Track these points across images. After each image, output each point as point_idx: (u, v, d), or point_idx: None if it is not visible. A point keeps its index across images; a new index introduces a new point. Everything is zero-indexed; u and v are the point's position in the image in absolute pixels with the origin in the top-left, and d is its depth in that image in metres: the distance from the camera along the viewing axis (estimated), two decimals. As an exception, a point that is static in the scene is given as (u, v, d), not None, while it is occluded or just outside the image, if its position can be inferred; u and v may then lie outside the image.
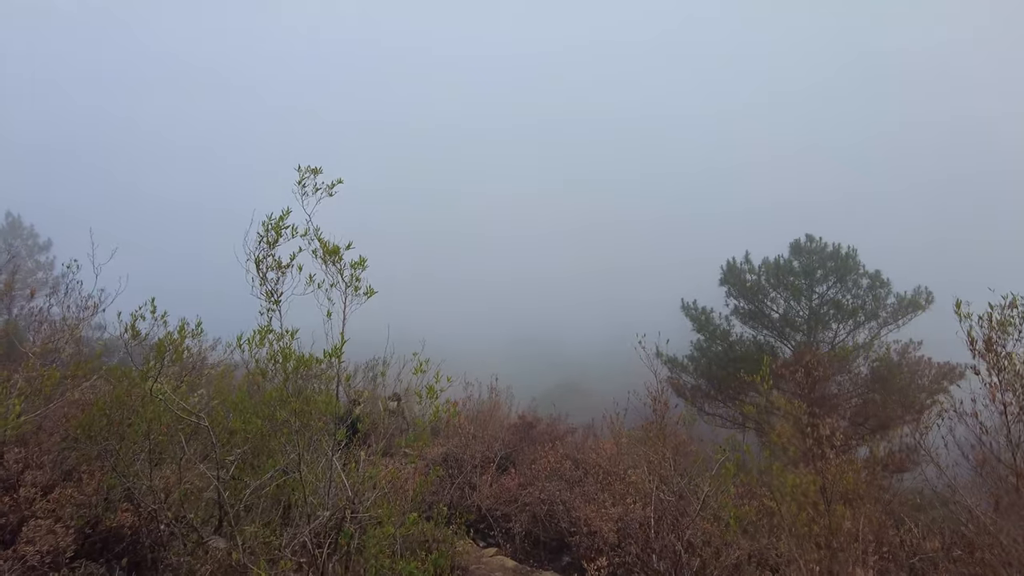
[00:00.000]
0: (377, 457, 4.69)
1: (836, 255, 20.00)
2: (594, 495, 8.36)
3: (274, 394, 4.33)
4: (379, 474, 5.22)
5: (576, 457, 10.35)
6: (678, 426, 7.31)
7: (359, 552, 4.31)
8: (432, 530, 6.37)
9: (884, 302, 19.71)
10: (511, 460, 11.89)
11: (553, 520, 8.97)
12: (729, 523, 5.54)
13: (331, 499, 4.31)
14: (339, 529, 4.22)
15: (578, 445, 12.84)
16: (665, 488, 5.93)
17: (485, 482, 10.32)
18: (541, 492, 9.29)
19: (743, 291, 21.31)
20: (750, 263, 21.39)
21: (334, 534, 4.26)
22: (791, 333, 20.93)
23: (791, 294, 20.32)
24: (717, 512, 6.33)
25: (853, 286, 19.84)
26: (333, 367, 4.44)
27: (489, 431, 12.61)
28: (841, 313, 19.35)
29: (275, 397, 4.32)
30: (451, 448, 12.33)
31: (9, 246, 29.23)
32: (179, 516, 4.53)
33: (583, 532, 7.00)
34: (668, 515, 6.12)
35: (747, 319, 21.57)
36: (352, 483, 4.50)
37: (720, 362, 20.87)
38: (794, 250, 21.20)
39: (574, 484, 9.45)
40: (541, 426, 14.13)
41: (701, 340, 22.24)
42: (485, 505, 9.68)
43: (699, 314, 22.08)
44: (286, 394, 4.24)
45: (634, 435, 7.64)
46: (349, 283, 4.52)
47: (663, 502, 5.99)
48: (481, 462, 11.21)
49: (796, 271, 20.50)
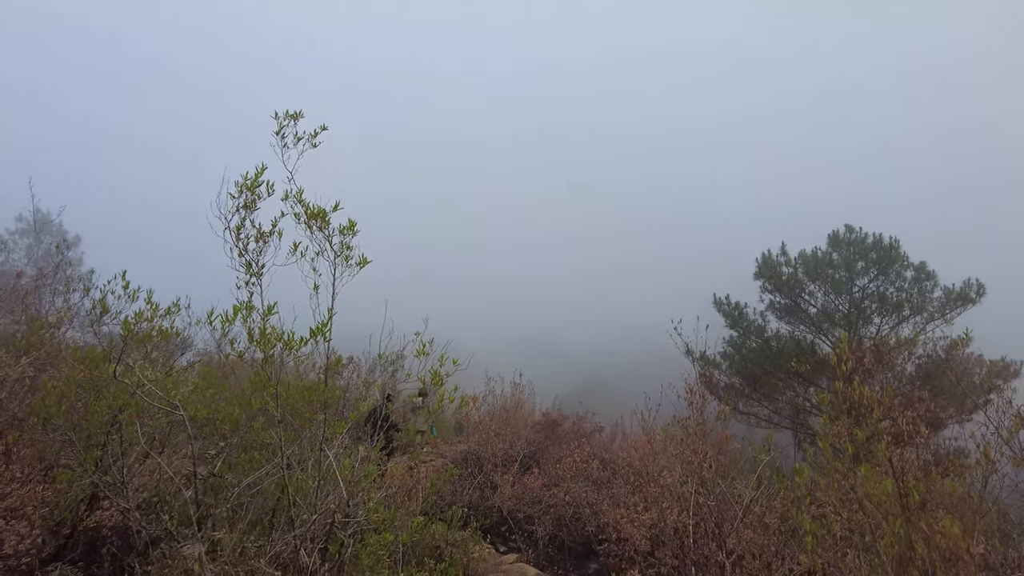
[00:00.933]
0: (376, 452, 4.08)
1: (878, 246, 18.93)
2: (624, 498, 7.69)
3: (254, 379, 3.77)
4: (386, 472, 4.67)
5: (604, 457, 9.67)
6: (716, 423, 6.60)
7: (353, 562, 3.73)
8: (445, 534, 5.78)
9: (930, 295, 18.60)
10: (534, 459, 11.29)
11: (579, 523, 8.35)
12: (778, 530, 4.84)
13: (321, 501, 3.73)
14: (328, 536, 3.65)
15: (605, 444, 12.17)
16: (704, 491, 5.24)
17: (507, 482, 9.73)
18: (567, 493, 8.66)
19: (779, 285, 20.32)
20: (787, 255, 20.41)
21: (323, 542, 3.69)
22: (830, 328, 19.92)
23: (831, 287, 19.30)
24: (762, 518, 5.62)
25: (896, 278, 18.74)
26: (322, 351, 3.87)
27: (512, 429, 12.06)
28: (886, 306, 18.28)
29: (255, 382, 3.76)
30: (472, 446, 11.78)
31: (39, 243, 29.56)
32: (152, 517, 4.01)
33: (612, 539, 6.33)
34: (707, 521, 5.44)
35: (783, 314, 20.58)
36: (348, 481, 3.92)
37: (756, 359, 19.92)
38: (832, 241, 20.16)
39: (601, 485, 8.80)
40: (567, 424, 13.49)
41: (735, 336, 21.32)
42: (506, 507, 9.08)
43: (732, 309, 21.16)
44: (265, 378, 3.68)
45: (671, 432, 6.93)
46: (339, 252, 3.93)
47: (702, 507, 5.30)
48: (503, 461, 10.64)
49: (836, 263, 19.47)
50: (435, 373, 4.03)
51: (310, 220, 3.87)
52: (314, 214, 3.86)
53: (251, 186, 3.79)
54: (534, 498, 9.12)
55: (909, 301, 17.92)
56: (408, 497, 6.34)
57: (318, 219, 3.87)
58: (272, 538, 3.68)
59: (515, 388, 14.79)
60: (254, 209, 3.85)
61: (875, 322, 18.97)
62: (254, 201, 3.82)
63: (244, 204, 3.81)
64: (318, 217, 3.86)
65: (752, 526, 5.37)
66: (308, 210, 3.85)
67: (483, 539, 8.38)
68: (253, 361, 3.81)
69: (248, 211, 3.84)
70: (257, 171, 3.81)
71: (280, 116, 3.98)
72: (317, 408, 3.98)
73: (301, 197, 3.88)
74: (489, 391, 14.37)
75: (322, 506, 3.71)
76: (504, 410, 13.67)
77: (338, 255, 3.93)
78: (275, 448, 4.13)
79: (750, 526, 5.37)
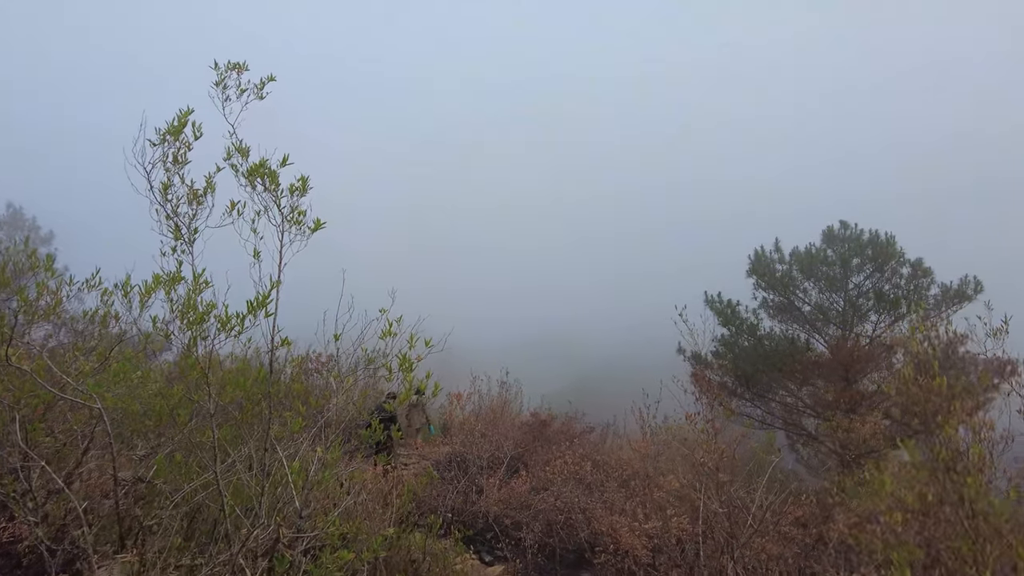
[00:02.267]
0: (336, 453, 3.41)
1: (874, 242, 18.51)
2: (619, 503, 7.10)
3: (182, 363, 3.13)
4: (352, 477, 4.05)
5: (596, 458, 9.08)
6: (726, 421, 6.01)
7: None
8: (423, 545, 5.15)
9: (926, 292, 18.21)
10: (522, 461, 10.69)
11: (571, 530, 7.74)
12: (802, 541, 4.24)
13: (266, 513, 3.09)
14: (272, 555, 3.01)
15: (596, 445, 11.59)
16: (717, 497, 4.64)
17: (493, 486, 9.10)
18: (557, 498, 8.06)
19: (772, 282, 19.86)
20: (780, 252, 19.95)
21: (268, 561, 3.04)
22: (824, 327, 19.50)
23: (825, 285, 18.86)
24: (778, 526, 5.04)
25: (892, 275, 18.33)
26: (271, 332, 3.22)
27: (499, 429, 11.47)
28: (882, 304, 17.85)
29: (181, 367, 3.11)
30: (456, 447, 11.18)
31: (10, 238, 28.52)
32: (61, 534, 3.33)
33: (609, 549, 5.71)
34: (718, 531, 4.84)
35: (777, 312, 20.12)
36: (303, 488, 3.27)
37: (748, 358, 19.46)
38: (827, 238, 19.74)
39: (594, 489, 8.21)
40: (556, 425, 12.89)
41: (726, 335, 20.84)
42: (493, 512, 8.46)
43: (724, 307, 20.65)
44: (193, 361, 3.04)
45: (676, 430, 6.33)
46: (289, 218, 3.28)
47: (713, 514, 4.70)
48: (489, 463, 10.03)
49: (830, 260, 19.04)
50: (403, 358, 3.40)
51: (251, 175, 3.23)
52: (256, 168, 3.21)
53: (175, 130, 3.13)
54: (522, 503, 8.52)
55: (907, 298, 17.52)
56: (384, 504, 5.71)
57: (263, 176, 3.22)
58: (210, 555, 3.04)
59: (502, 387, 14.22)
60: (184, 163, 3.20)
61: (872, 319, 18.56)
62: (184, 153, 3.17)
63: (173, 158, 3.16)
64: (262, 175, 3.21)
65: (768, 535, 4.78)
66: (242, 153, 3.19)
67: (467, 548, 7.75)
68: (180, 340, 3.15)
69: (177, 166, 3.19)
70: (181, 114, 3.16)
71: (221, 67, 3.34)
72: (261, 400, 3.33)
73: (240, 145, 3.22)
74: (475, 390, 13.79)
75: (267, 519, 3.07)
76: (491, 410, 13.10)
77: (287, 218, 3.29)
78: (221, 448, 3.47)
79: (765, 535, 4.78)
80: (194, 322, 3.01)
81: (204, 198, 3.25)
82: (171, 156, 3.16)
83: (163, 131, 3.15)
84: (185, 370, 3.10)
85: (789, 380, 19.33)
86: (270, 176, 3.23)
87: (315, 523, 3.39)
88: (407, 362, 3.37)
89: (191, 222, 3.24)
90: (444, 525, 6.27)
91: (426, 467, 10.07)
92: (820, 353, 18.41)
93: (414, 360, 3.39)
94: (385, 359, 3.49)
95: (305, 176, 3.31)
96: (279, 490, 3.46)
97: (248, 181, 3.25)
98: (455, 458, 10.52)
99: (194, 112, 3.24)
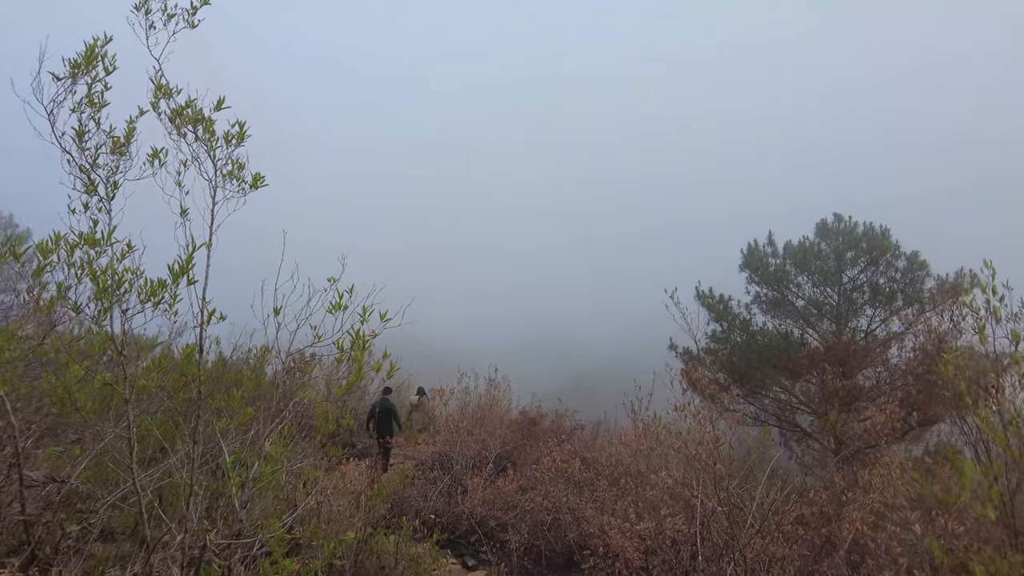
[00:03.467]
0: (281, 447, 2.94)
1: (868, 235, 18.22)
2: (610, 503, 6.68)
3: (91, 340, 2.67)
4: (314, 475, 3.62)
5: (586, 456, 8.65)
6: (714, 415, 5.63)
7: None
8: (395, 549, 4.70)
9: (921, 286, 17.94)
10: (510, 460, 10.27)
11: (559, 531, 7.32)
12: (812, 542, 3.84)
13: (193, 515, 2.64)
14: (197, 567, 2.56)
15: (587, 442, 11.18)
16: (717, 493, 4.23)
17: (478, 485, 8.67)
18: (545, 497, 7.63)
19: (766, 277, 19.53)
20: (774, 245, 19.62)
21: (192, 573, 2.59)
22: (817, 321, 19.20)
23: (819, 279, 18.56)
24: (780, 525, 4.63)
25: (887, 268, 18.04)
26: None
27: (486, 427, 11.04)
28: (878, 298, 17.55)
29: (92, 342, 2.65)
30: (440, 446, 10.75)
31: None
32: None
33: (599, 552, 5.29)
34: (716, 532, 4.43)
35: (770, 307, 19.80)
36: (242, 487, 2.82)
37: (741, 354, 19.12)
38: (820, 231, 19.45)
39: (584, 487, 7.80)
40: (545, 422, 12.47)
41: (718, 331, 20.51)
42: (477, 513, 8.02)
43: (717, 302, 20.32)
44: (104, 337, 2.59)
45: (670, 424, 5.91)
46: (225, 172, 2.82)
47: (710, 513, 4.29)
48: (475, 462, 9.60)
49: (824, 254, 18.74)
50: (355, 334, 2.95)
51: (176, 118, 2.77)
52: (180, 110, 2.75)
53: (83, 61, 2.66)
54: (508, 503, 8.10)
55: (903, 292, 17.22)
56: (356, 506, 5.26)
57: (194, 122, 2.76)
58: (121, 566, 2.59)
59: (490, 384, 13.80)
60: (101, 105, 2.74)
61: (867, 313, 18.27)
62: (101, 94, 2.71)
63: (88, 99, 2.70)
64: (193, 120, 2.74)
65: (771, 535, 4.37)
66: (162, 90, 2.72)
67: (449, 552, 7.32)
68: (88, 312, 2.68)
69: (94, 108, 2.72)
70: (93, 43, 2.69)
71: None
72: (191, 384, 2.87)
73: (162, 82, 2.76)
74: (462, 387, 13.37)
75: (192, 522, 2.62)
76: (478, 408, 12.69)
77: (221, 172, 2.83)
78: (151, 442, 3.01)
79: (767, 535, 4.37)
80: (109, 290, 2.55)
81: (128, 148, 2.79)
82: (84, 97, 2.69)
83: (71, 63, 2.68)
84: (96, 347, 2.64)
85: (783, 376, 19.03)
86: (203, 124, 2.77)
87: (261, 527, 2.95)
88: (360, 339, 2.93)
89: (112, 176, 2.78)
90: (426, 527, 5.85)
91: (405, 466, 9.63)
92: (815, 348, 18.12)
93: (368, 337, 2.95)
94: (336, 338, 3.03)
95: (242, 121, 2.85)
96: (219, 489, 3.01)
97: (174, 126, 2.79)
98: (441, 457, 10.11)
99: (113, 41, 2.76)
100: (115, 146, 2.77)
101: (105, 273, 2.56)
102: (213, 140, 2.86)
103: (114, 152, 2.77)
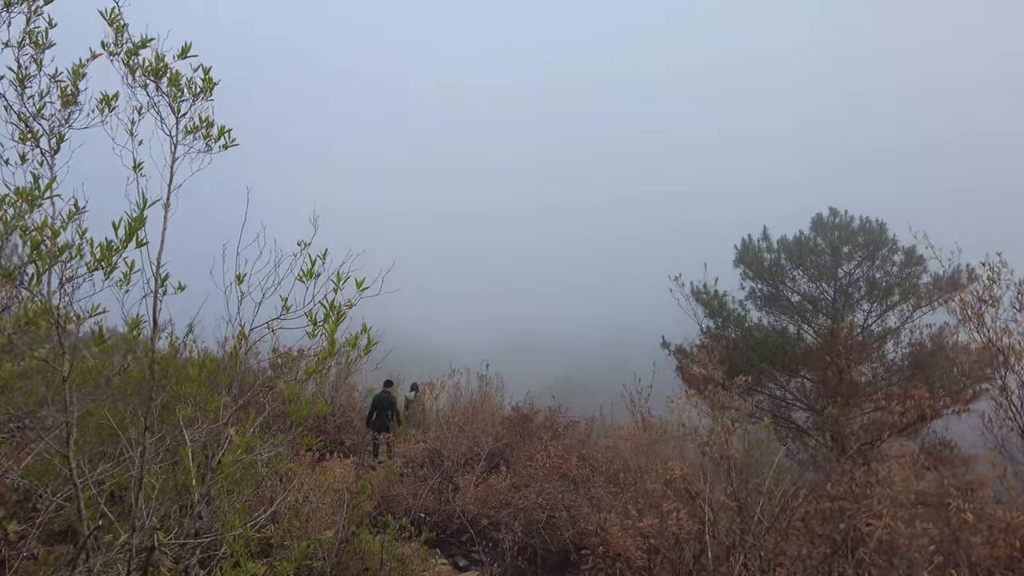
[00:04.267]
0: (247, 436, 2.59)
1: (865, 229, 18.03)
2: (607, 500, 6.39)
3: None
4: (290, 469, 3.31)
5: (582, 452, 8.37)
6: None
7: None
8: (379, 549, 4.38)
9: (918, 281, 17.76)
10: (503, 457, 9.98)
11: (554, 530, 7.02)
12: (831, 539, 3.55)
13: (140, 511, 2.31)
14: (144, 570, 2.23)
15: (583, 439, 10.90)
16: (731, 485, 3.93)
17: (470, 483, 8.35)
18: (539, 495, 7.33)
19: (761, 272, 19.30)
20: (768, 240, 19.40)
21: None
22: (813, 317, 18.99)
23: (815, 273, 18.34)
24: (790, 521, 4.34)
25: (884, 262, 17.85)
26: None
27: (478, 423, 10.74)
28: (875, 293, 17.35)
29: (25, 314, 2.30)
30: (431, 443, 10.44)
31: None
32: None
33: (598, 552, 4.97)
34: (724, 528, 4.13)
35: (765, 303, 19.57)
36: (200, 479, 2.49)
37: (737, 350, 18.88)
38: (816, 226, 19.25)
39: (580, 484, 7.51)
40: (539, 419, 12.18)
41: (712, 327, 20.26)
42: (469, 512, 7.71)
43: (711, 299, 20.08)
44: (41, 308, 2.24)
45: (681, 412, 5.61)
46: (188, 127, 2.49)
47: (719, 507, 3.99)
48: (467, 459, 9.30)
49: (820, 249, 18.52)
50: (329, 305, 2.61)
51: (128, 58, 2.43)
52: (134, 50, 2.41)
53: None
54: (501, 500, 7.80)
55: (899, 286, 17.04)
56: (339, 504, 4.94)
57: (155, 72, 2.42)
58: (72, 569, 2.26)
59: (482, 380, 13.50)
60: (46, 45, 2.39)
61: (863, 308, 18.08)
62: (45, 33, 2.37)
63: (30, 39, 2.36)
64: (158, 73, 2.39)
65: (782, 532, 4.08)
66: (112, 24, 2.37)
67: (439, 552, 7.01)
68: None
69: (37, 49, 2.38)
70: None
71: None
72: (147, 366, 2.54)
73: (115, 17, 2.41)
74: (453, 383, 13.08)
75: (143, 520, 2.29)
76: (470, 404, 12.39)
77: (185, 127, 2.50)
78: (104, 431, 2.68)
79: (780, 531, 4.08)
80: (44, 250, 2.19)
81: (77, 97, 2.45)
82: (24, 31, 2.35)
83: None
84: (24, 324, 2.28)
85: (779, 372, 18.83)
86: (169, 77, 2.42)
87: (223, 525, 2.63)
88: (335, 310, 2.60)
89: (59, 127, 2.44)
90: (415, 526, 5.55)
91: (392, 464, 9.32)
92: (811, 344, 17.93)
93: (344, 307, 2.62)
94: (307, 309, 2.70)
95: (207, 67, 2.52)
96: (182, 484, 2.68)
97: (128, 69, 2.45)
98: (433, 454, 9.81)
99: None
100: (64, 96, 2.43)
101: (40, 230, 2.22)
102: (177, 92, 2.51)
103: (64, 104, 2.43)
